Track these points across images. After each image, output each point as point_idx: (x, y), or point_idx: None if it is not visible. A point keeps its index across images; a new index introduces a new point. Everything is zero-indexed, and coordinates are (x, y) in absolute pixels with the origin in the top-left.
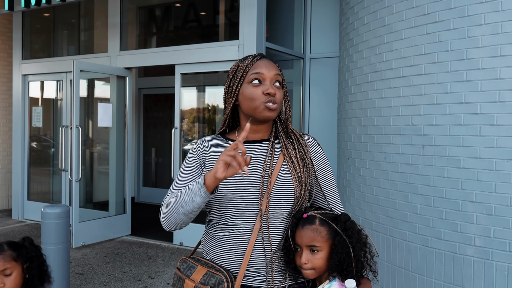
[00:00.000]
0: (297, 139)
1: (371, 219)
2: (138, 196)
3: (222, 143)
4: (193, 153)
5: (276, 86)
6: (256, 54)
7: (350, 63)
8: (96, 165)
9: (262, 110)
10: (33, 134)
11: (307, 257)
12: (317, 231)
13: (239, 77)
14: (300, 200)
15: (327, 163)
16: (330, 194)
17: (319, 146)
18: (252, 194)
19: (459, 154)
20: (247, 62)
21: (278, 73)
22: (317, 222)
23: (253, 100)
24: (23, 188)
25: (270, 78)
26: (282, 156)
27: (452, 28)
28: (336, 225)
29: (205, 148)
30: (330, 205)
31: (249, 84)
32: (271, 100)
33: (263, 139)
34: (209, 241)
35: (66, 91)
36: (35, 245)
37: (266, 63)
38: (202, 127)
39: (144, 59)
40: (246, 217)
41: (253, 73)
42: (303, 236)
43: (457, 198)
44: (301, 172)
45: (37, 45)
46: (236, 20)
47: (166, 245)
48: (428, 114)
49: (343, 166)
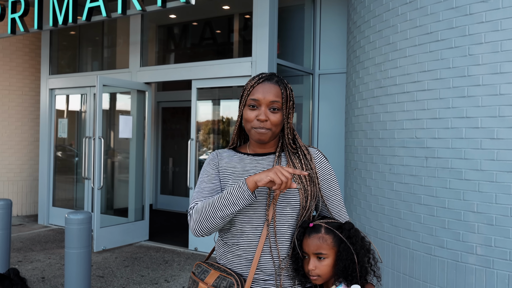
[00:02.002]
0: (304, 153)
1: (377, 228)
2: (156, 203)
3: (233, 155)
4: (210, 164)
5: (271, 111)
6: (261, 76)
7: (357, 79)
8: (117, 174)
9: (254, 133)
10: (58, 144)
11: (314, 264)
12: (323, 239)
13: (243, 99)
14: (305, 211)
15: (332, 174)
16: (335, 205)
17: (325, 158)
18: (260, 203)
19: (461, 166)
20: (250, 85)
21: (274, 99)
22: (323, 230)
23: (247, 123)
24: (48, 195)
25: (265, 104)
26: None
27: (453, 46)
28: (340, 233)
29: (219, 160)
30: (335, 216)
31: (247, 107)
32: (261, 125)
33: (270, 153)
34: (221, 247)
35: (90, 104)
36: (20, 278)
37: (266, 87)
38: (217, 138)
39: (162, 75)
40: (254, 224)
41: (251, 98)
42: (309, 244)
43: (459, 208)
44: (307, 185)
45: (64, 61)
46: (249, 38)
47: (181, 250)
48: (431, 128)
49: (350, 177)
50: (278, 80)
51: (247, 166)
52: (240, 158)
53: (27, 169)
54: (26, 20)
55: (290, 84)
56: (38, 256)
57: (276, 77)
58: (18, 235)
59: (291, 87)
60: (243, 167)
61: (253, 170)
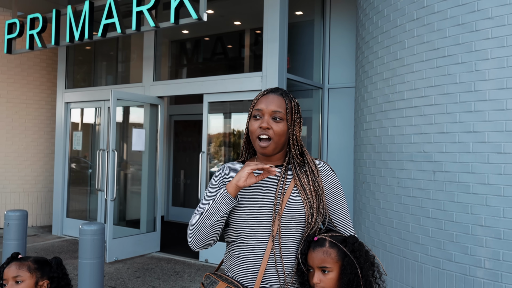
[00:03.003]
0: (311, 169)
1: (385, 241)
2: (168, 215)
3: (240, 168)
4: (215, 179)
5: (274, 121)
6: (267, 90)
7: (365, 93)
8: (129, 186)
9: (257, 145)
10: (73, 156)
11: (319, 277)
12: (327, 253)
13: (249, 112)
14: (310, 227)
15: (339, 188)
16: (341, 219)
17: (332, 172)
18: (265, 216)
19: (468, 180)
20: (256, 98)
21: (277, 109)
22: (327, 244)
23: (251, 133)
24: (62, 206)
25: (268, 113)
26: (293, 182)
27: (460, 62)
28: (344, 247)
29: (226, 174)
30: (341, 230)
31: (252, 118)
32: (263, 133)
33: (277, 166)
34: (228, 259)
35: (104, 117)
36: (61, 267)
37: (270, 98)
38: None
39: (175, 89)
40: (259, 237)
41: (255, 109)
42: (314, 258)
43: (467, 222)
44: (313, 202)
45: (79, 75)
46: (259, 52)
47: (192, 262)
48: (438, 142)
49: (359, 190)
50: (283, 93)
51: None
52: None
53: (42, 181)
54: (43, 36)
55: (297, 99)
56: None
57: (281, 90)
58: (32, 245)
59: (297, 101)
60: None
61: (259, 184)
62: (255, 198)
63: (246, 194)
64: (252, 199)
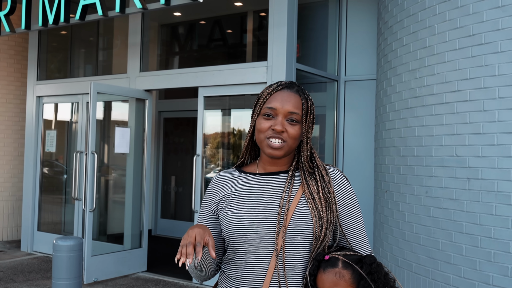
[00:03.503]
0: (322, 175)
1: (411, 260)
2: (156, 229)
3: (236, 176)
4: (206, 199)
5: (289, 123)
6: (280, 83)
7: (388, 87)
8: (111, 194)
9: (266, 146)
10: (45, 160)
11: None
12: (340, 275)
13: (257, 108)
14: (320, 242)
15: (354, 198)
16: (356, 234)
17: (346, 179)
18: (267, 230)
19: (509, 189)
20: (267, 92)
21: (294, 110)
22: (340, 264)
23: (260, 132)
24: (33, 217)
25: (283, 114)
26: (301, 190)
27: (499, 50)
28: (360, 268)
29: (219, 188)
30: (356, 248)
31: (262, 116)
32: (276, 136)
33: (282, 171)
34: (223, 281)
35: (82, 114)
36: None
37: (285, 95)
38: (227, 154)
39: (165, 81)
40: (261, 254)
41: (267, 106)
42: (324, 280)
43: (507, 238)
44: (323, 212)
45: (53, 65)
46: (264, 39)
47: (184, 284)
48: (474, 145)
49: (380, 200)
50: (299, 90)
51: (254, 187)
52: (246, 179)
53: (9, 188)
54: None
55: (311, 96)
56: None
57: (297, 86)
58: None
59: (312, 99)
60: (250, 189)
61: (260, 192)
62: (256, 208)
63: (245, 202)
64: (252, 209)
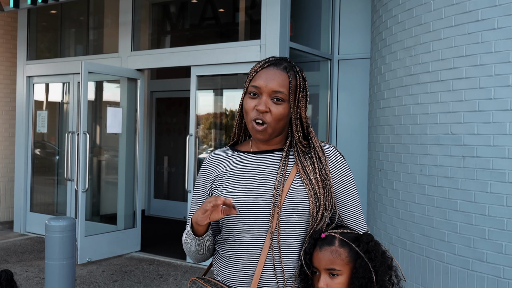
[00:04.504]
0: (318, 155)
1: (405, 238)
2: (149, 209)
3: (230, 155)
4: (199, 179)
5: (274, 102)
6: (267, 60)
7: (383, 65)
8: (104, 175)
9: (252, 128)
10: (37, 140)
11: (325, 282)
12: (336, 253)
13: (245, 86)
14: (316, 225)
15: (350, 176)
16: (352, 212)
17: (341, 157)
18: (262, 209)
19: (504, 166)
20: (254, 69)
21: (278, 89)
22: (337, 243)
23: (246, 112)
24: (25, 198)
25: (267, 93)
26: (295, 169)
27: (496, 27)
28: (357, 246)
29: (213, 168)
30: (352, 226)
31: (248, 95)
32: (258, 118)
33: (276, 149)
34: (218, 261)
35: (73, 94)
36: (11, 283)
37: (271, 73)
38: (219, 134)
39: (157, 60)
40: (255, 233)
41: (252, 85)
42: (321, 258)
43: (502, 215)
44: (320, 193)
45: (43, 44)
46: (257, 17)
47: (178, 263)
48: (469, 122)
49: (374, 179)
50: (287, 67)
51: (248, 166)
52: (239, 158)
53: (1, 169)
54: None
55: (303, 72)
56: (13, 269)
57: (286, 62)
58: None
59: (304, 75)
60: (243, 168)
61: (255, 171)
62: (250, 188)
63: (239, 183)
64: (246, 189)
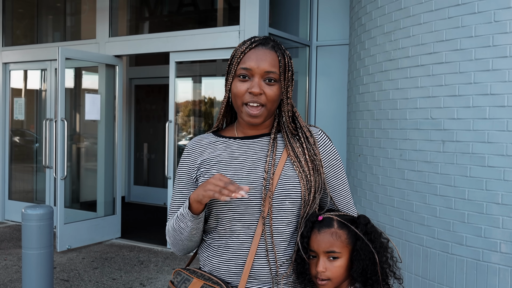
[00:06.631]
0: (306, 136)
1: (385, 222)
2: (129, 196)
3: (215, 141)
4: (182, 166)
5: (267, 83)
6: (253, 40)
7: (362, 50)
8: (83, 162)
9: (244, 114)
10: (15, 128)
11: (324, 265)
12: (336, 235)
13: (231, 69)
14: (308, 206)
15: (338, 159)
16: (343, 196)
17: (330, 141)
18: (253, 195)
19: (484, 151)
20: (241, 51)
21: (271, 69)
22: (335, 224)
23: (237, 97)
24: (3, 186)
25: (259, 74)
26: (285, 152)
27: (476, 11)
28: (356, 228)
29: (197, 154)
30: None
31: (237, 78)
32: (253, 100)
33: (263, 134)
34: (205, 250)
35: (51, 81)
36: None
37: (261, 53)
38: (198, 121)
39: (135, 46)
40: (246, 221)
41: (242, 67)
42: (320, 241)
43: (481, 199)
44: (310, 175)
45: (19, 30)
46: (236, 3)
47: (159, 249)
48: (449, 107)
49: (354, 164)
50: (275, 45)
51: (236, 152)
52: (225, 144)
53: None
54: None
55: (288, 51)
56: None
57: (272, 41)
58: None
59: (289, 54)
60: (231, 154)
61: (244, 157)
62: (239, 174)
63: (227, 168)
64: (236, 174)
